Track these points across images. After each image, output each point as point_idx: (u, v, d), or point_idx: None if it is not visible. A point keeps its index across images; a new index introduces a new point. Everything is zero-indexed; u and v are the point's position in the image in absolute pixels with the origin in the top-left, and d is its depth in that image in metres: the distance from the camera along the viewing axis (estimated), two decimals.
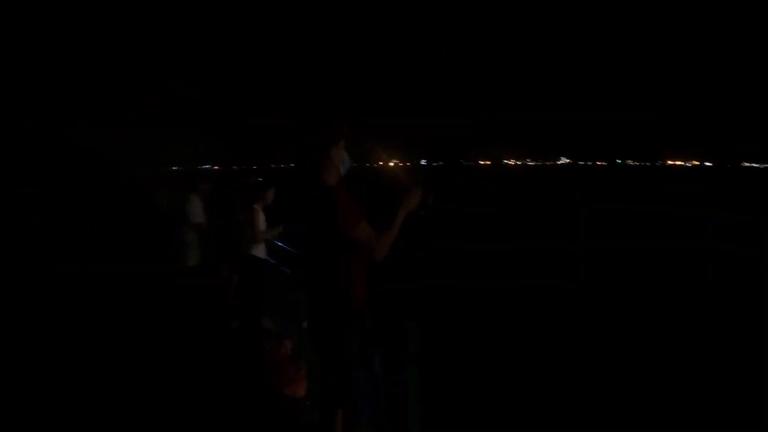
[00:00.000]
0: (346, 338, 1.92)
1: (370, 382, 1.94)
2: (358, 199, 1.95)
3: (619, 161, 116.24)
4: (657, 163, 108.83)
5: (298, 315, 3.03)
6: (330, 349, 1.96)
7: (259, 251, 3.44)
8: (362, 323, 1.94)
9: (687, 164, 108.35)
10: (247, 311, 3.20)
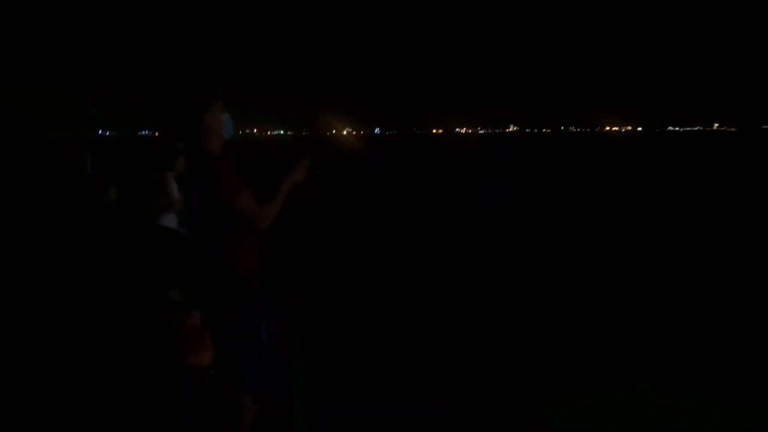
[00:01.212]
0: (231, 308, 1.85)
1: (256, 352, 1.89)
2: (241, 167, 1.85)
3: (563, 128, 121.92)
4: (596, 129, 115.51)
5: None
6: (215, 319, 1.89)
7: (170, 221, 3.24)
8: (248, 293, 1.86)
9: (622, 130, 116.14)
10: (154, 282, 3.01)
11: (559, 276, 4.37)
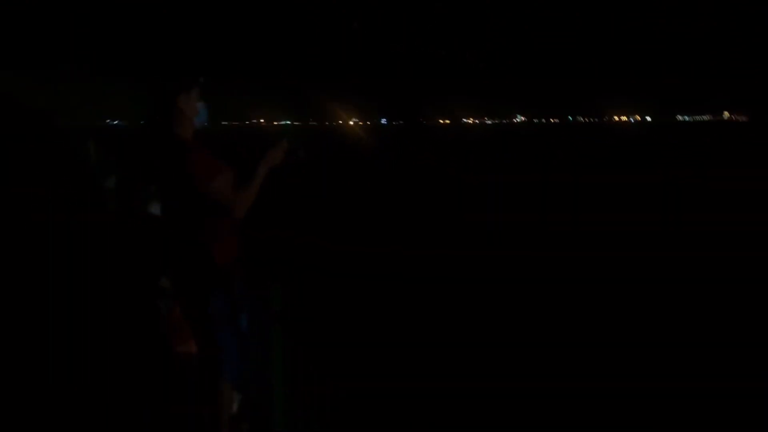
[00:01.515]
0: (208, 295, 1.81)
1: (235, 340, 1.86)
2: (215, 153, 1.79)
3: (571, 118, 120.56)
4: (604, 119, 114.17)
5: None
6: (193, 307, 1.85)
7: (158, 209, 3.37)
8: (227, 280, 1.82)
9: (630, 119, 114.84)
10: (145, 271, 3.27)
11: (559, 276, 4.36)
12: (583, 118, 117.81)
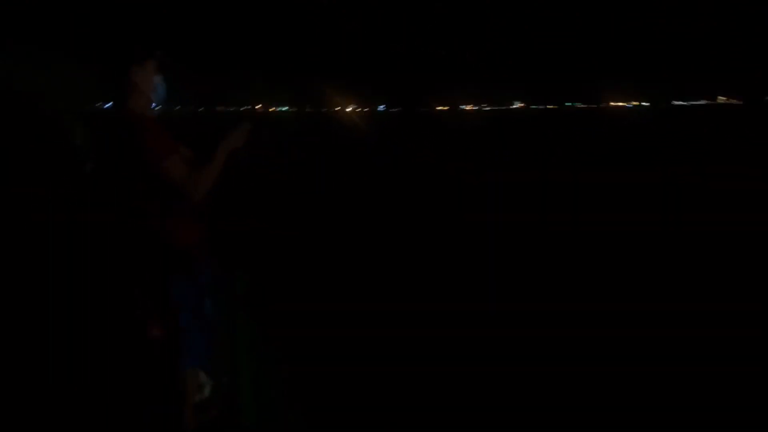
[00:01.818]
0: (168, 281, 1.80)
1: (199, 326, 1.86)
2: (171, 131, 1.76)
3: (569, 104, 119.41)
4: (601, 105, 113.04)
5: None
6: (152, 292, 1.84)
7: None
8: (187, 264, 1.80)
9: (628, 105, 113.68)
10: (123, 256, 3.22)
11: (559, 275, 4.43)
12: (581, 104, 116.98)
